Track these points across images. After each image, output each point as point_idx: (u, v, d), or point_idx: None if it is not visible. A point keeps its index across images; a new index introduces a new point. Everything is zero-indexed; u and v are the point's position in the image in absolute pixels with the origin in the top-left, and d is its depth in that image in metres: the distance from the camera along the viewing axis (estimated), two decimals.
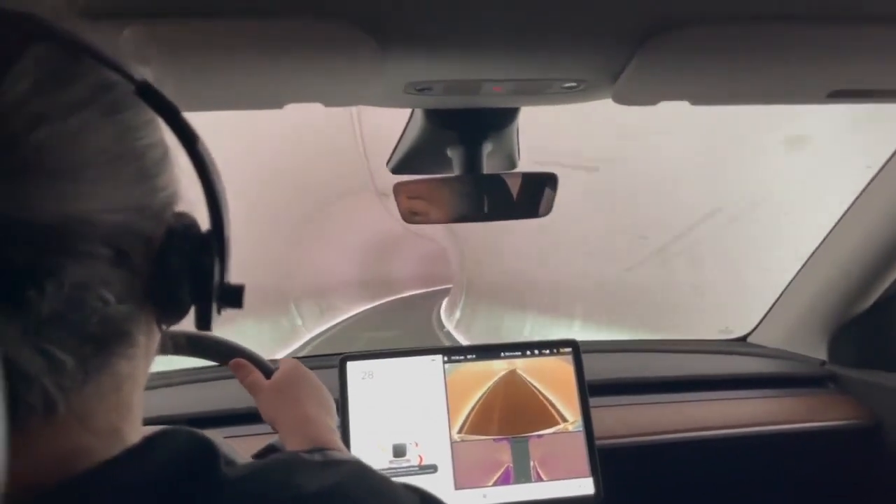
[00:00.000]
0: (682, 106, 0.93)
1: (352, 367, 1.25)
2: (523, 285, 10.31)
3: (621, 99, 0.90)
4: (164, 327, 0.46)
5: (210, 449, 0.42)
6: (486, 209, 1.06)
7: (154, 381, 1.56)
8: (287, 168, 9.42)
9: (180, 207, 0.45)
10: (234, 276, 0.47)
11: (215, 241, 0.45)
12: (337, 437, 0.85)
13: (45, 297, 0.34)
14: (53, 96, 0.37)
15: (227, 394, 1.38)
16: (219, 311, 0.46)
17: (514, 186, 1.04)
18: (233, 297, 0.47)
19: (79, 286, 0.36)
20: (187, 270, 0.43)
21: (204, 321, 0.45)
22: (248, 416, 1.19)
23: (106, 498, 0.37)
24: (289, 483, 0.43)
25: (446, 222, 1.07)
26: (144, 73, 0.42)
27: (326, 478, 0.45)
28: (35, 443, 0.37)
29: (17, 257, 0.33)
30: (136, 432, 0.44)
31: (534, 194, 1.05)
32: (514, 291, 10.93)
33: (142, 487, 0.39)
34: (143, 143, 0.42)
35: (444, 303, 21.23)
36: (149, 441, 0.41)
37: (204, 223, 0.46)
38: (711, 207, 5.45)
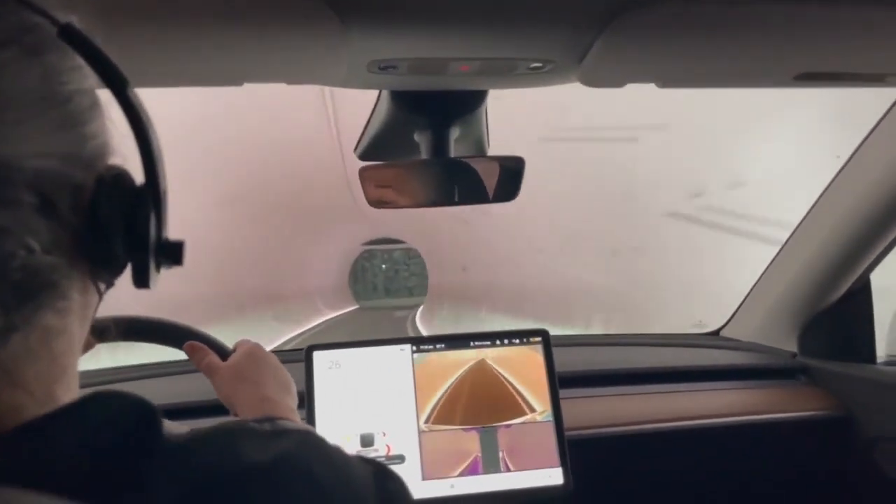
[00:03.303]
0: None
1: (318, 356, 1.22)
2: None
3: (588, 80, 0.89)
4: (102, 286, 0.44)
5: (150, 413, 0.40)
6: (454, 194, 1.04)
7: (121, 374, 1.53)
8: None
9: (113, 161, 0.43)
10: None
11: (150, 193, 0.43)
12: (296, 417, 0.83)
13: None
14: None
15: (196, 386, 1.35)
16: (157, 268, 0.44)
17: (483, 170, 1.03)
18: (171, 252, 0.45)
19: (0, 232, 0.34)
20: (120, 223, 0.41)
21: (141, 277, 0.43)
22: (217, 409, 1.16)
23: (32, 460, 0.35)
24: (234, 452, 0.42)
25: (413, 207, 1.06)
26: (70, 18, 0.40)
27: (274, 447, 0.43)
28: None
29: None
30: (72, 394, 0.42)
31: (502, 178, 1.04)
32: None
33: (73, 450, 0.36)
34: (70, 88, 0.40)
35: (420, 311, 20.13)
36: (82, 401, 0.39)
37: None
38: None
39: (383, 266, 31.19)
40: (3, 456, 0.35)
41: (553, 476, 1.20)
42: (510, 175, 1.03)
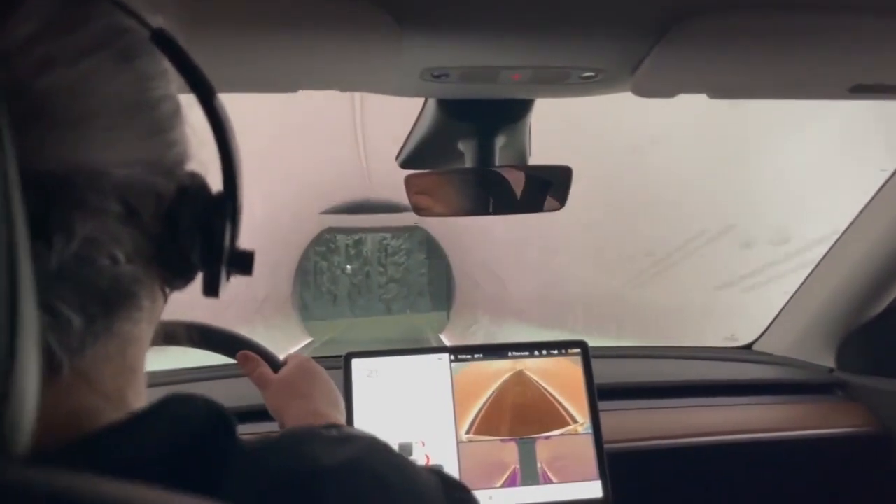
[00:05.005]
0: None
1: (357, 364, 1.22)
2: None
3: (640, 91, 0.89)
4: (167, 291, 0.44)
5: (224, 418, 0.40)
6: (501, 203, 1.04)
7: (165, 377, 1.54)
8: None
9: (191, 167, 0.43)
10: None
11: (228, 203, 0.43)
12: None
13: (53, 251, 0.32)
14: (63, 39, 0.34)
15: (238, 391, 1.36)
16: (227, 278, 0.44)
17: (530, 180, 1.03)
18: (243, 262, 0.45)
19: (88, 241, 0.34)
20: (198, 232, 0.41)
21: (212, 287, 0.43)
22: (258, 414, 1.17)
23: (111, 463, 0.35)
24: (307, 455, 0.41)
25: (458, 216, 1.06)
26: (159, 21, 0.40)
27: (344, 452, 0.43)
28: (40, 402, 0.36)
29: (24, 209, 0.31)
30: (141, 397, 0.42)
31: (548, 188, 1.03)
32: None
33: (150, 454, 0.36)
34: (157, 94, 0.40)
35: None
36: (158, 405, 0.39)
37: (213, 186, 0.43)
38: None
39: (348, 267, 18.99)
40: (86, 455, 0.35)
41: (592, 489, 1.19)
42: (558, 184, 1.03)
